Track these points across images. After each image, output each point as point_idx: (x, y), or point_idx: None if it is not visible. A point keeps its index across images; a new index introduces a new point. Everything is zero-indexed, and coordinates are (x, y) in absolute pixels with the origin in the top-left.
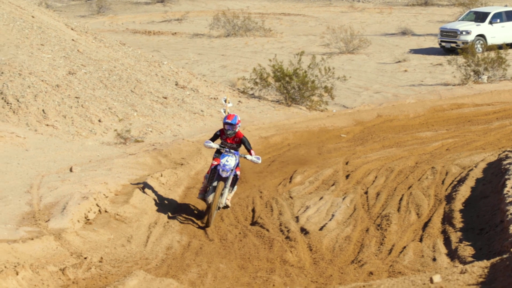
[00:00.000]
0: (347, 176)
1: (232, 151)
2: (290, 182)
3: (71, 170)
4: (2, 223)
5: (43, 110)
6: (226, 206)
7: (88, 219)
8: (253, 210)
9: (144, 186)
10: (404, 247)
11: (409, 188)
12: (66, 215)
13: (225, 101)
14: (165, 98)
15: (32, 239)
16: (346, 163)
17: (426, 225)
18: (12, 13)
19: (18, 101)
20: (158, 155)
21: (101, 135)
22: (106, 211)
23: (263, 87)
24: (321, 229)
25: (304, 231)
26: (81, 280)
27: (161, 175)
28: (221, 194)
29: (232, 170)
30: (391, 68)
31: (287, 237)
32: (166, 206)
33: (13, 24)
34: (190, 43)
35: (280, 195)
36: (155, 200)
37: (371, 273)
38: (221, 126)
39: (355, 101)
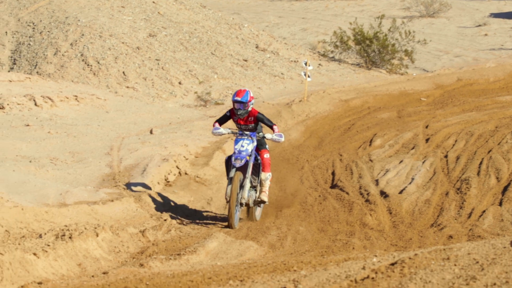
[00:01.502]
0: (427, 140)
1: (247, 133)
2: (370, 145)
3: (151, 132)
4: (82, 185)
5: (123, 72)
6: (261, 201)
7: (168, 181)
8: (333, 173)
9: (224, 148)
10: (484, 211)
11: (488, 152)
12: (146, 177)
13: (306, 64)
14: (245, 60)
15: (112, 201)
16: (426, 127)
17: (505, 189)
18: None
19: (98, 63)
20: None
21: (181, 97)
22: (186, 173)
23: (343, 50)
24: (400, 192)
25: (383, 194)
26: (161, 242)
27: None
28: (242, 187)
29: (250, 156)
30: (471, 32)
31: (367, 200)
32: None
33: None
34: (270, 6)
35: (360, 158)
36: None
37: (450, 236)
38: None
39: (435, 64)
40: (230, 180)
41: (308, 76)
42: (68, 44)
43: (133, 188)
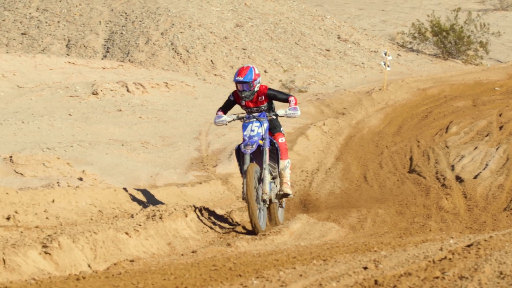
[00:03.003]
0: (500, 127)
1: (254, 114)
2: (446, 132)
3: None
4: (172, 167)
5: (211, 61)
6: (284, 195)
7: None
8: (411, 159)
9: (307, 134)
10: None
11: None
12: (233, 161)
13: (385, 54)
14: (328, 50)
15: (200, 183)
16: (500, 115)
17: None
18: None
19: (188, 51)
20: (320, 105)
21: (266, 85)
22: None
23: (421, 41)
24: (475, 177)
25: (459, 179)
26: (247, 222)
27: (324, 124)
28: (261, 180)
29: (263, 140)
30: None
31: (443, 185)
32: (328, 153)
33: None
34: None
35: (436, 144)
36: (316, 147)
37: None
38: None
39: (508, 56)
40: (245, 174)
41: (388, 66)
42: (159, 33)
43: (220, 171)
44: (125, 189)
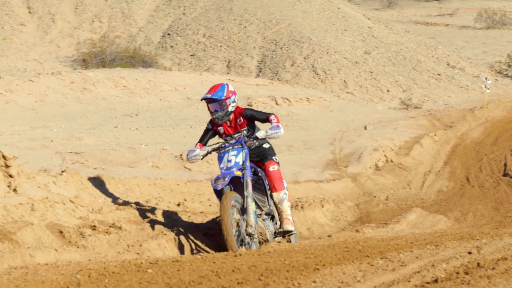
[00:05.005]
0: None
1: (231, 141)
2: None
3: (365, 128)
4: (311, 167)
5: (344, 81)
6: (286, 233)
7: (378, 167)
8: (505, 164)
9: (421, 142)
10: None
11: None
12: (361, 163)
13: (486, 78)
14: (439, 75)
15: (334, 180)
16: None
17: None
18: (322, 4)
19: (325, 73)
20: (432, 119)
21: (388, 101)
22: (391, 161)
23: None
24: None
25: None
26: (372, 213)
27: (435, 135)
28: (243, 211)
29: (242, 170)
30: None
31: None
32: (437, 159)
33: (323, 13)
34: (458, 33)
35: None
36: (429, 153)
37: None
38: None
39: None
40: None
41: (487, 88)
42: (302, 57)
43: (350, 171)
44: None
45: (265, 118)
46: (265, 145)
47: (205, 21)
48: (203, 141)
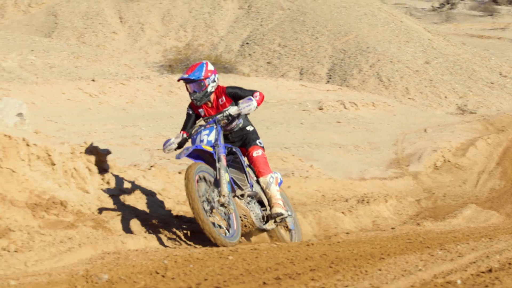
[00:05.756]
0: None
1: (202, 123)
2: None
3: (425, 130)
4: (376, 165)
5: (406, 88)
6: (277, 215)
7: (436, 166)
8: None
9: (476, 144)
10: None
11: None
12: (421, 162)
13: None
14: (492, 83)
15: (397, 177)
16: None
17: None
18: (387, 18)
19: (389, 80)
20: (486, 123)
21: (446, 107)
22: (449, 161)
23: None
24: None
25: None
26: (430, 209)
27: (488, 138)
28: (216, 182)
29: (214, 146)
30: None
31: None
32: (490, 160)
33: (387, 26)
34: (510, 45)
35: None
36: (482, 154)
37: None
38: None
39: None
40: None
41: None
42: (368, 66)
43: (411, 169)
44: (341, 180)
45: (249, 95)
46: (249, 128)
47: (280, 32)
48: (186, 127)
